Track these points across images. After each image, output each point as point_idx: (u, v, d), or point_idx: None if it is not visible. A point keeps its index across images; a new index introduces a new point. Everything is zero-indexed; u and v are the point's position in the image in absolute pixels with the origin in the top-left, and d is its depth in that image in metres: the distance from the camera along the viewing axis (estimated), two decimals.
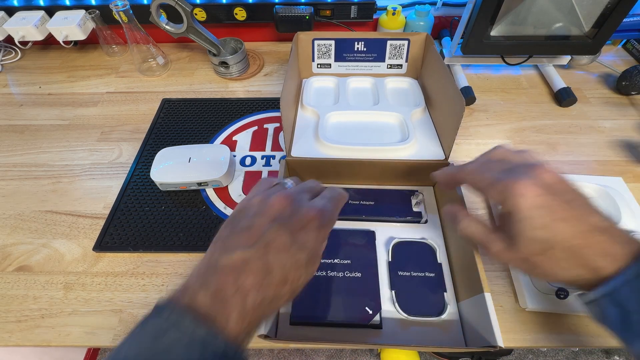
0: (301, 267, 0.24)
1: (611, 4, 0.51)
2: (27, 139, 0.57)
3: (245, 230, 0.25)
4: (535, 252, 0.26)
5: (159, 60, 0.68)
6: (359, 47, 0.58)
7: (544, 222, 0.25)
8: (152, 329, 0.20)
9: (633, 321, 0.23)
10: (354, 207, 0.44)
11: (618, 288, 0.24)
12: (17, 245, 0.44)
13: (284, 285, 0.23)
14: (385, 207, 0.44)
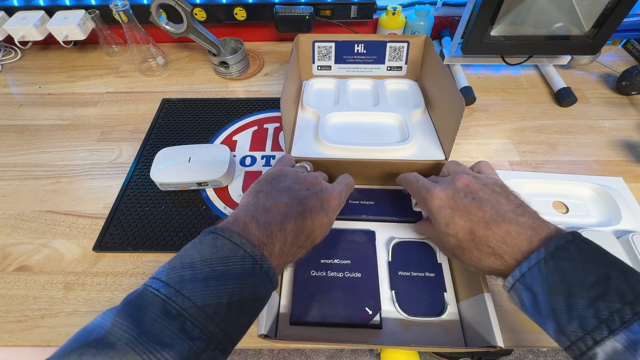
0: (322, 228, 0.30)
1: (611, 4, 0.51)
2: (27, 139, 0.57)
3: (286, 190, 0.31)
4: (453, 246, 0.31)
5: (159, 60, 0.68)
6: (359, 49, 0.58)
7: (447, 219, 0.30)
8: (212, 242, 0.25)
9: (540, 303, 0.25)
10: (354, 206, 0.44)
11: (524, 272, 0.26)
12: (17, 245, 0.44)
13: (309, 237, 0.29)
14: (385, 207, 0.44)
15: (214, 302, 0.22)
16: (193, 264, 0.24)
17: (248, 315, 0.25)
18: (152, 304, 0.22)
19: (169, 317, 0.21)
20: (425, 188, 0.33)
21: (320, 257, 0.40)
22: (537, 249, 0.26)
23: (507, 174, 0.48)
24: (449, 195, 0.31)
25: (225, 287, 0.23)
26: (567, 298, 0.23)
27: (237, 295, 0.23)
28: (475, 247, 0.29)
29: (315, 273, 0.39)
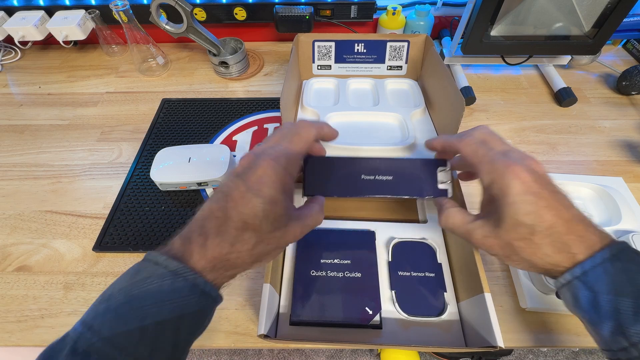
0: (259, 213, 0.25)
1: (611, 3, 0.51)
2: (27, 139, 0.57)
3: (218, 192, 0.27)
4: (518, 237, 0.27)
5: (158, 60, 0.68)
6: (359, 49, 0.58)
7: (531, 208, 0.26)
8: (135, 268, 0.24)
9: (601, 303, 0.24)
10: (367, 183, 0.34)
11: (587, 270, 0.25)
12: (17, 245, 0.44)
13: (245, 231, 0.25)
14: (406, 183, 0.35)
15: (123, 331, 0.21)
16: (112, 294, 0.23)
17: (174, 335, 0.22)
18: (64, 346, 0.21)
19: (73, 357, 0.20)
20: (505, 162, 0.27)
21: (320, 257, 0.40)
22: (600, 249, 0.25)
23: None
24: (533, 179, 0.26)
25: (138, 311, 0.21)
26: (636, 300, 0.23)
27: (151, 318, 0.21)
28: (550, 242, 0.26)
29: (315, 273, 0.39)
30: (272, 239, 0.26)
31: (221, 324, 0.38)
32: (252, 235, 0.25)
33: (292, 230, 0.27)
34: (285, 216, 0.26)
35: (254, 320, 0.38)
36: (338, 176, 0.34)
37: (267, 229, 0.25)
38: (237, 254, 0.25)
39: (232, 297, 0.40)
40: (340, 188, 0.33)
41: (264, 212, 0.25)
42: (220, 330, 0.38)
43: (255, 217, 0.24)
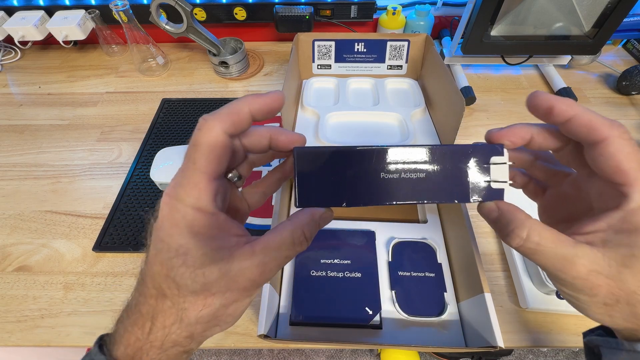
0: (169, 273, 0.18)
1: (611, 3, 0.51)
2: (27, 139, 0.57)
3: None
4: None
5: (158, 60, 0.68)
6: (359, 48, 0.58)
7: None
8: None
9: None
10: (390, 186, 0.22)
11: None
12: (16, 245, 0.44)
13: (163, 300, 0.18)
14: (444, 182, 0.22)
15: None
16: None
17: None
18: None
19: None
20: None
21: (320, 257, 0.40)
22: None
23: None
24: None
25: None
26: None
27: None
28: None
29: (315, 273, 0.39)
30: (207, 299, 0.18)
31: None
32: (172, 303, 0.18)
33: (243, 276, 0.18)
34: (212, 265, 0.18)
35: (254, 320, 0.38)
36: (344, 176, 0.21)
37: (188, 290, 0.18)
38: (164, 330, 0.19)
39: None
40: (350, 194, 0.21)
41: (175, 270, 0.18)
42: None
43: (167, 279, 0.18)
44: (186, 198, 0.17)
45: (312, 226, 0.20)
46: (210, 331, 0.20)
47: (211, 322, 0.19)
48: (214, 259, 0.18)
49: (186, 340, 0.19)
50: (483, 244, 0.44)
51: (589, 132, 0.20)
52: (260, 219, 0.46)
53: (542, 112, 0.21)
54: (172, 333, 0.19)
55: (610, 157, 0.19)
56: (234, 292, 0.18)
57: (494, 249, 0.43)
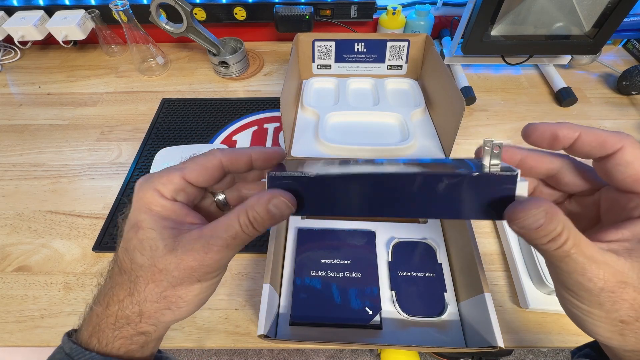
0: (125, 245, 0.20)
1: (612, 3, 0.51)
2: (27, 139, 0.57)
3: None
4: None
5: (158, 60, 0.68)
6: (359, 48, 0.58)
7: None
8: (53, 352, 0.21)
9: None
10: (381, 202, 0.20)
11: None
12: (16, 246, 0.44)
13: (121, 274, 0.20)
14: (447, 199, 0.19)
15: None
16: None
17: None
18: None
19: None
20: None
21: (320, 257, 0.40)
22: None
23: None
24: None
25: None
26: None
27: None
28: None
29: (315, 273, 0.39)
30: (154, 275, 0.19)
31: (221, 324, 0.38)
32: (127, 276, 0.19)
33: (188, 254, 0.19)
34: (159, 240, 0.19)
35: (254, 320, 0.38)
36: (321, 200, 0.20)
37: (138, 264, 0.19)
38: (119, 304, 0.20)
39: (232, 297, 0.40)
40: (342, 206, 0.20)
41: (130, 242, 0.19)
42: (220, 330, 0.38)
43: (125, 252, 0.20)
44: (156, 182, 0.20)
45: (259, 209, 0.19)
46: (162, 314, 0.20)
47: (161, 302, 0.20)
48: (162, 237, 0.19)
49: (137, 318, 0.20)
50: (483, 244, 0.44)
51: (601, 146, 0.19)
52: None
53: (547, 142, 0.20)
54: (125, 308, 0.19)
55: (627, 165, 0.18)
56: (181, 271, 0.19)
57: (494, 249, 0.43)
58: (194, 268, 0.19)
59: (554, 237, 0.18)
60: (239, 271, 0.42)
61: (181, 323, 0.38)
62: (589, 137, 0.19)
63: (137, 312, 0.20)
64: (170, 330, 0.37)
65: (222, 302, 0.39)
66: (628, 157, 0.18)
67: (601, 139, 0.19)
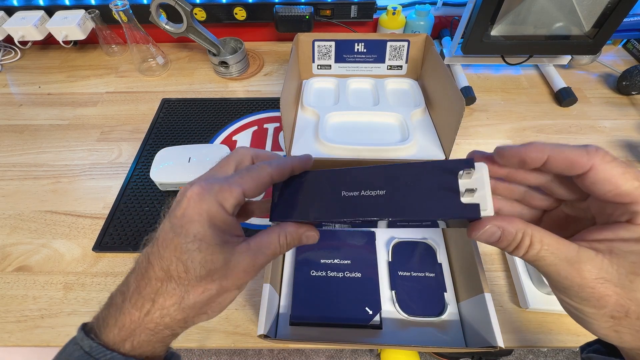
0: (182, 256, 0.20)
1: (611, 3, 0.51)
2: (27, 139, 0.57)
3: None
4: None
5: (158, 60, 0.68)
6: (359, 49, 0.58)
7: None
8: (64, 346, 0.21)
9: None
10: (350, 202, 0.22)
11: None
12: (16, 245, 0.44)
13: (169, 281, 0.20)
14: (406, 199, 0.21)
15: None
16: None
17: None
18: None
19: None
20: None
21: (320, 257, 0.40)
22: None
23: None
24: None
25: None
26: None
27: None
28: None
29: (315, 273, 0.39)
30: (208, 285, 0.20)
31: (221, 324, 0.38)
32: (177, 285, 0.20)
33: (240, 266, 0.21)
34: (220, 253, 0.20)
35: (254, 320, 0.38)
36: (311, 196, 0.24)
37: (195, 275, 0.20)
38: (162, 311, 0.20)
39: None
40: (313, 211, 0.23)
41: (187, 255, 0.20)
42: (220, 330, 0.38)
43: (178, 261, 0.20)
44: (219, 194, 0.20)
45: (294, 235, 0.23)
46: (199, 318, 0.21)
47: (203, 308, 0.21)
48: (221, 250, 0.20)
49: (178, 323, 0.21)
50: (483, 244, 0.44)
51: (571, 166, 0.19)
52: (260, 219, 0.46)
53: (517, 165, 0.21)
54: (168, 315, 0.20)
55: (604, 183, 0.19)
56: (229, 280, 0.21)
57: (494, 249, 0.43)
58: (240, 278, 0.21)
59: (517, 245, 0.20)
60: None
61: None
62: (558, 158, 0.20)
63: (182, 319, 0.21)
64: None
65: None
66: (601, 175, 0.18)
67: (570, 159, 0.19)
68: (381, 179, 0.22)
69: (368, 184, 0.23)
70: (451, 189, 0.20)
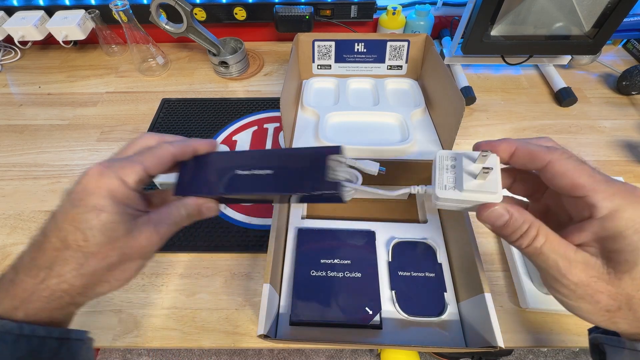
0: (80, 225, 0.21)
1: (611, 3, 0.51)
2: (27, 139, 0.57)
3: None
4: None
5: (158, 60, 0.68)
6: (359, 49, 0.58)
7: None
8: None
9: None
10: (243, 180, 0.26)
11: None
12: (16, 245, 0.44)
13: (65, 249, 0.21)
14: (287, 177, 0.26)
15: None
16: None
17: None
18: None
19: None
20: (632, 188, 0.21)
21: (320, 257, 0.40)
22: None
23: None
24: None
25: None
26: None
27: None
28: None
29: (315, 273, 0.39)
30: (109, 252, 0.21)
31: (221, 324, 0.38)
32: (74, 252, 0.21)
33: (142, 235, 0.23)
34: (120, 223, 0.22)
35: (254, 320, 0.38)
36: (211, 173, 0.27)
37: (95, 242, 0.21)
38: (59, 278, 0.21)
39: (232, 297, 0.40)
40: (212, 186, 0.26)
41: (86, 223, 0.21)
42: (220, 330, 0.38)
43: (75, 230, 0.21)
44: (119, 170, 0.22)
45: (193, 207, 0.25)
46: (101, 286, 0.23)
47: (105, 275, 0.22)
48: (122, 220, 0.22)
49: (77, 290, 0.22)
50: (483, 244, 0.44)
51: (532, 160, 0.23)
52: (260, 218, 0.46)
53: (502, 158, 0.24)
54: (66, 282, 0.21)
55: (561, 176, 0.21)
56: (132, 249, 0.22)
57: (494, 249, 0.43)
58: (144, 247, 0.23)
59: (522, 233, 0.22)
60: (239, 271, 0.42)
61: (181, 323, 0.38)
62: (522, 151, 0.23)
63: (81, 286, 0.22)
64: (170, 330, 0.37)
65: (222, 302, 0.39)
66: (558, 168, 0.21)
67: (531, 153, 0.23)
68: (270, 160, 0.27)
69: (259, 164, 0.27)
70: (320, 169, 0.25)
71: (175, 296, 0.40)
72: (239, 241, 0.44)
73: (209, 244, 0.44)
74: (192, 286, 0.40)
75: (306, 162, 0.26)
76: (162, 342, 0.37)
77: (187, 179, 0.27)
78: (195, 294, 0.40)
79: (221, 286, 0.41)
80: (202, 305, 0.39)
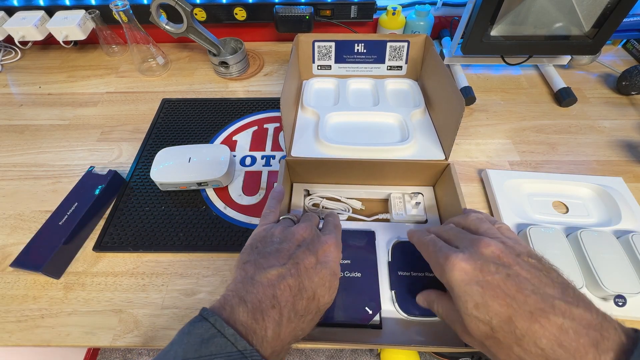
0: (325, 284, 0.27)
1: (611, 3, 0.51)
2: (27, 139, 0.57)
3: (274, 253, 0.27)
4: (483, 335, 0.24)
5: (158, 60, 0.68)
6: (359, 49, 0.58)
7: (476, 299, 0.24)
8: (199, 332, 0.22)
9: None
10: None
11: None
12: (17, 245, 0.44)
13: (312, 301, 0.26)
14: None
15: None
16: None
17: None
18: None
19: None
20: (444, 254, 0.27)
21: None
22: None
23: (507, 174, 0.48)
24: (476, 267, 0.25)
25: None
26: None
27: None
28: (516, 342, 0.22)
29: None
30: (324, 307, 0.27)
31: None
32: (315, 305, 0.26)
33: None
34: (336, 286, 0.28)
35: None
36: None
37: (325, 301, 0.27)
38: (302, 325, 0.25)
39: None
40: None
41: (330, 283, 0.27)
42: None
43: (323, 287, 0.26)
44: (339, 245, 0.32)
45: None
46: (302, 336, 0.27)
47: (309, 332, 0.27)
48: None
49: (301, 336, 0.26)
50: None
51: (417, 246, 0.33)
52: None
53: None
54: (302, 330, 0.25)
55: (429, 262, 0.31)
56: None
57: None
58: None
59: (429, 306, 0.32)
60: None
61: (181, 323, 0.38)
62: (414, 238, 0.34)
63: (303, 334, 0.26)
64: (170, 330, 0.37)
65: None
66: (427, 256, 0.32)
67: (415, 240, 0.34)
68: None
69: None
70: None
71: (175, 296, 0.40)
72: (239, 241, 0.44)
73: (209, 244, 0.44)
74: (192, 286, 0.41)
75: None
76: (159, 341, 0.37)
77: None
78: (195, 294, 0.40)
79: (221, 286, 0.41)
80: (202, 305, 0.39)
